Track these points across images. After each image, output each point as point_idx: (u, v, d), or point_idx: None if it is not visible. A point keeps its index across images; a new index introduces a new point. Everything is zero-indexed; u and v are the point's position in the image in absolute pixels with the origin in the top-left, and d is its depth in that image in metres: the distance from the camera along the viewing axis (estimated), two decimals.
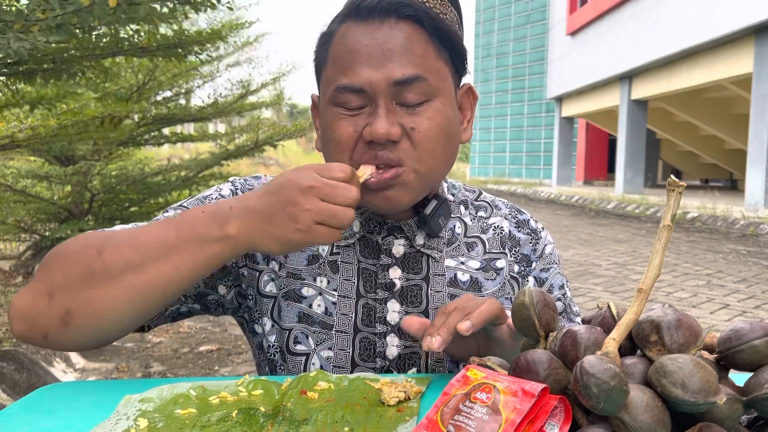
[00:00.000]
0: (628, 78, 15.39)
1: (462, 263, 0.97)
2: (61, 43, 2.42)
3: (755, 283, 5.55)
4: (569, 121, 21.00)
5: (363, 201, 0.88)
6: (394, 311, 0.93)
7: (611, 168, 22.07)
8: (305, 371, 0.88)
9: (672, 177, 0.61)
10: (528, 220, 1.05)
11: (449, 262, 0.97)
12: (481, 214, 1.03)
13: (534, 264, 1.01)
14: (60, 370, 3.14)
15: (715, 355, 0.58)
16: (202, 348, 3.63)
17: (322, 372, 0.77)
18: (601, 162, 23.14)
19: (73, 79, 2.80)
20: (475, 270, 0.97)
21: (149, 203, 5.48)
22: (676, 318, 0.57)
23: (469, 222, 1.01)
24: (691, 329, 0.57)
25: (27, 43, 1.97)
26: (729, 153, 17.53)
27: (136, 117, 5.05)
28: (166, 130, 5.96)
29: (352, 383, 0.75)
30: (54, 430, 0.66)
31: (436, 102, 0.86)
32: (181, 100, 6.22)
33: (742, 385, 0.56)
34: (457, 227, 1.00)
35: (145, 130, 5.32)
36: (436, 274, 0.96)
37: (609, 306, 0.63)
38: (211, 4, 2.45)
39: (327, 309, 0.93)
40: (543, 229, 1.05)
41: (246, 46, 6.25)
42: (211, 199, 0.94)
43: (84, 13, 2.03)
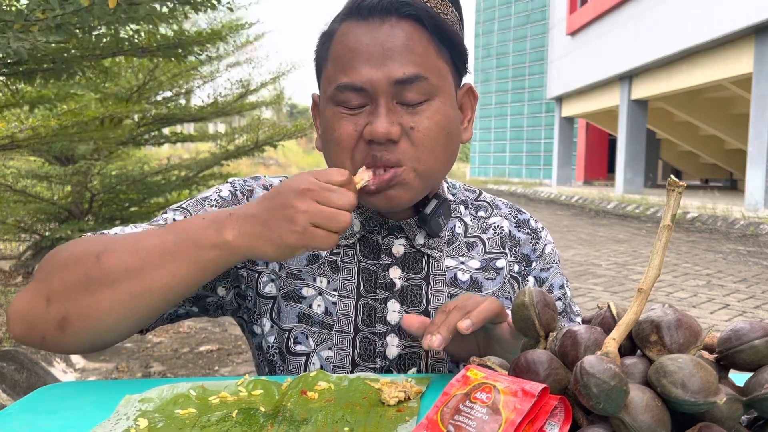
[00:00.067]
0: (628, 78, 15.39)
1: (462, 263, 0.97)
2: (60, 43, 2.42)
3: (755, 283, 5.55)
4: (569, 121, 21.00)
5: (364, 201, 0.89)
6: (394, 311, 0.93)
7: (611, 168, 22.08)
8: (305, 371, 0.88)
9: (672, 177, 0.61)
10: (528, 219, 1.05)
11: (449, 262, 0.97)
12: (481, 213, 1.03)
13: (534, 264, 1.01)
14: (60, 370, 3.14)
15: (715, 355, 0.58)
16: (202, 348, 3.63)
17: (322, 372, 0.77)
18: (601, 162, 23.15)
19: (72, 79, 2.80)
20: (475, 270, 0.97)
21: (149, 203, 5.48)
22: (676, 318, 0.57)
23: (469, 222, 1.01)
24: (691, 329, 0.57)
25: (27, 42, 1.97)
26: (729, 153, 17.54)
27: (136, 117, 5.05)
28: (166, 130, 5.96)
29: (352, 383, 0.75)
30: (54, 430, 0.66)
31: (436, 101, 0.86)
32: (181, 100, 6.22)
33: (742, 385, 0.56)
34: (457, 227, 1.00)
35: (145, 130, 5.33)
36: (437, 274, 0.96)
37: (609, 306, 0.63)
38: (211, 5, 2.45)
39: (327, 309, 0.93)
40: (543, 228, 1.05)
41: (246, 46, 6.25)
42: (210, 200, 0.94)
43: (84, 13, 2.03)
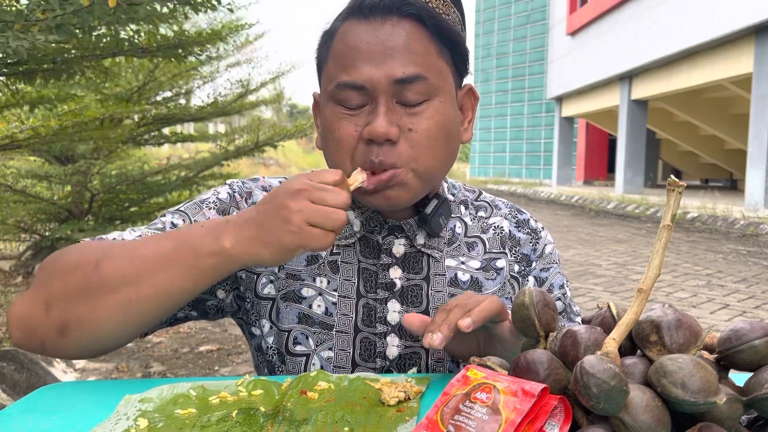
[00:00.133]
0: (628, 78, 15.39)
1: (462, 263, 0.97)
2: (60, 43, 2.42)
3: (755, 283, 5.55)
4: (569, 121, 21.00)
5: (363, 201, 0.89)
6: (394, 311, 0.93)
7: (611, 168, 22.07)
8: (305, 372, 0.88)
9: (672, 177, 0.61)
10: (528, 219, 1.05)
11: (450, 262, 0.97)
12: (481, 214, 1.03)
13: (534, 264, 1.01)
14: (60, 370, 3.14)
15: (715, 355, 0.58)
16: (202, 348, 3.63)
17: (322, 372, 0.77)
18: (601, 162, 23.14)
19: (72, 79, 2.80)
20: (476, 270, 0.97)
21: (149, 203, 5.48)
22: (676, 318, 0.57)
23: (469, 222, 1.01)
24: (691, 329, 0.57)
25: (26, 42, 1.97)
26: (729, 153, 17.54)
27: (136, 117, 5.05)
28: (166, 130, 5.97)
29: (352, 383, 0.75)
30: (54, 430, 0.66)
31: (435, 101, 0.86)
32: (181, 100, 6.22)
33: (742, 385, 0.56)
34: (458, 227, 1.00)
35: (145, 130, 5.33)
36: (437, 274, 0.96)
37: (609, 306, 0.63)
38: (211, 5, 2.45)
39: (327, 309, 0.93)
40: (543, 228, 1.05)
41: (246, 46, 6.25)
42: (209, 202, 0.94)
43: (84, 14, 2.03)
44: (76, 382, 0.83)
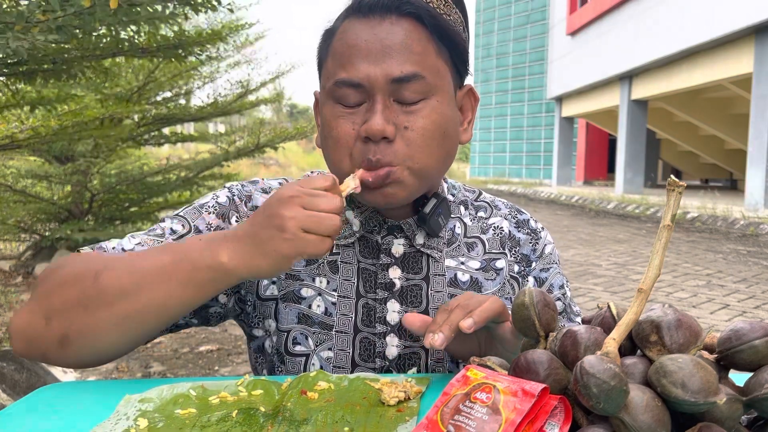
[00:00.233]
0: (628, 78, 15.39)
1: (462, 263, 0.97)
2: (61, 44, 2.42)
3: (755, 283, 5.55)
4: (569, 121, 21.00)
5: (361, 199, 0.89)
6: (394, 311, 0.93)
7: (611, 168, 22.07)
8: (305, 372, 0.88)
9: (672, 177, 0.61)
10: (528, 220, 1.05)
11: (449, 262, 0.97)
12: (481, 214, 1.03)
13: (534, 264, 1.01)
14: (60, 370, 3.14)
15: (715, 355, 0.58)
16: (202, 348, 3.63)
17: (322, 372, 0.77)
18: (601, 162, 23.14)
19: (73, 80, 2.80)
20: (475, 270, 0.97)
21: (149, 203, 5.49)
22: (676, 318, 0.57)
23: (469, 222, 1.01)
24: (691, 329, 0.57)
25: (26, 42, 1.97)
26: (729, 153, 17.53)
27: (135, 117, 5.05)
28: (166, 130, 5.97)
29: (352, 383, 0.75)
30: (54, 430, 0.66)
31: (432, 100, 0.86)
32: (181, 101, 6.23)
33: (742, 385, 0.56)
34: (457, 227, 1.00)
35: (145, 130, 5.33)
36: (436, 274, 0.96)
37: (609, 306, 0.63)
38: (211, 6, 2.45)
39: (327, 309, 0.93)
40: (543, 229, 1.05)
41: (246, 46, 6.25)
42: (208, 206, 0.94)
43: (85, 15, 2.03)
44: (76, 382, 0.83)
